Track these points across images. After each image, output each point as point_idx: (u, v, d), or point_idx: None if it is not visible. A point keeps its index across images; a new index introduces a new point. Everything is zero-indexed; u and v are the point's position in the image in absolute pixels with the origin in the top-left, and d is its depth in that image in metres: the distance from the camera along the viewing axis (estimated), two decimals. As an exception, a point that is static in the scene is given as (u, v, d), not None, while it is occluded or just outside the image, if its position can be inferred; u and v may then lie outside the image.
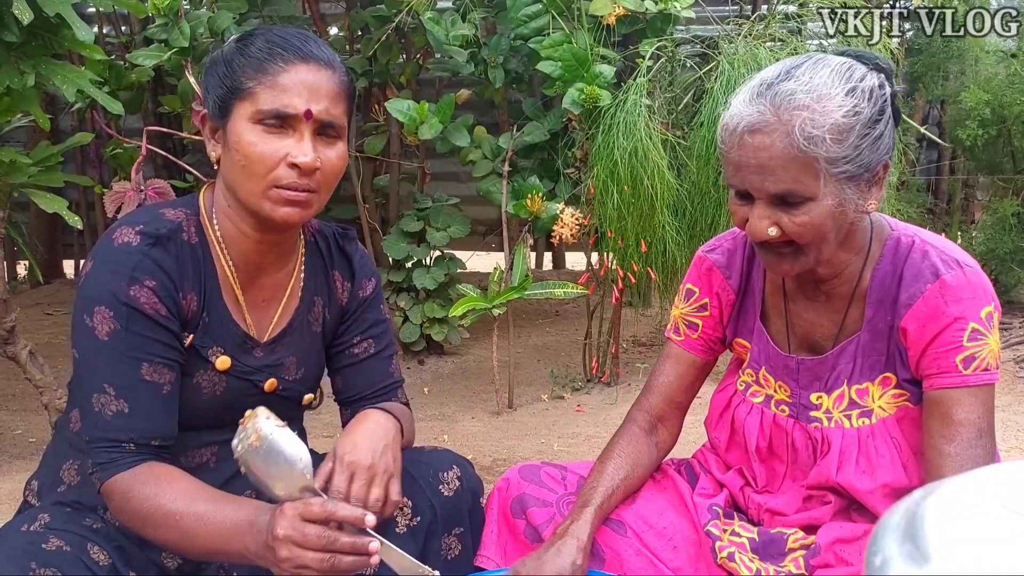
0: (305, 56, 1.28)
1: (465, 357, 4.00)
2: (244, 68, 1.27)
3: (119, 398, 1.25)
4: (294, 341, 1.44)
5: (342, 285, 1.50)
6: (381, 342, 1.53)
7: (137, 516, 1.24)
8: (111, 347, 1.25)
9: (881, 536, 0.59)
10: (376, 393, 1.51)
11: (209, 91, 1.31)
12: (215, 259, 1.36)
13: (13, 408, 3.40)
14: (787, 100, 1.20)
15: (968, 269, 1.28)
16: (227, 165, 1.31)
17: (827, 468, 1.37)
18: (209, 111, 1.32)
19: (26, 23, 2.14)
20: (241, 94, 1.27)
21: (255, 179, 1.28)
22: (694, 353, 1.52)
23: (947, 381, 1.27)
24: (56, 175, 2.65)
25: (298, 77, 1.27)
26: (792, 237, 1.25)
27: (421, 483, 1.40)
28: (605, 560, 1.40)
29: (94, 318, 1.25)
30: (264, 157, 1.26)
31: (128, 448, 1.25)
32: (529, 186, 3.29)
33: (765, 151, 1.20)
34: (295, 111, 1.26)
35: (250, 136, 1.26)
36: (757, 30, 3.16)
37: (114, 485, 1.25)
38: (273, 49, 1.28)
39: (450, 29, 3.28)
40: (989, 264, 3.75)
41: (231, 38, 1.36)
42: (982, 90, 3.70)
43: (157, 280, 1.27)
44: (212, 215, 1.36)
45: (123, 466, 1.25)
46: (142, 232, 1.28)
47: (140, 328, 1.26)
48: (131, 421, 1.25)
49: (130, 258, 1.26)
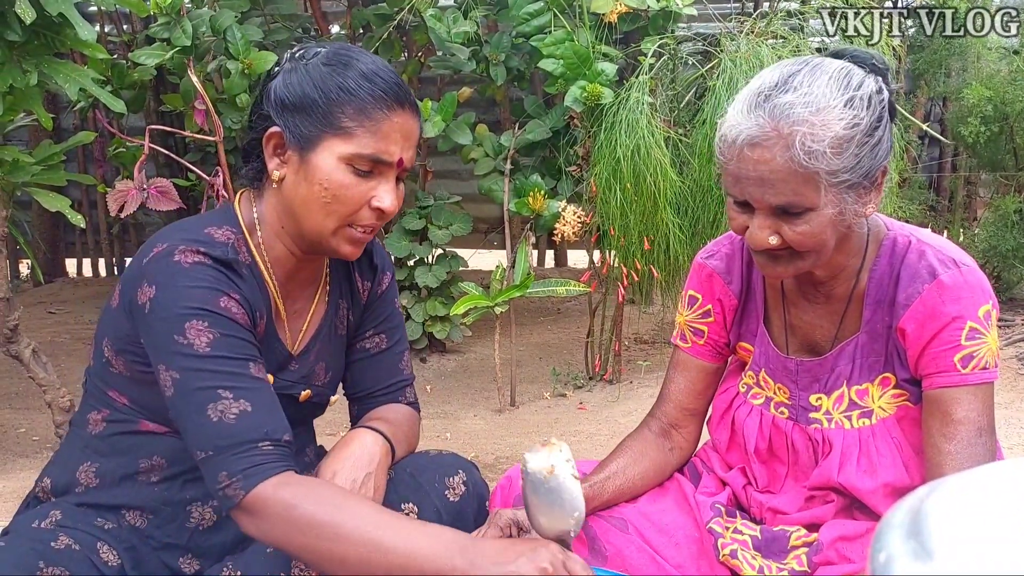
0: (402, 101, 1.28)
1: (467, 355, 4.00)
2: (344, 105, 1.25)
3: (238, 399, 1.20)
4: (322, 348, 1.45)
5: (363, 285, 1.50)
6: (393, 337, 1.52)
7: (304, 530, 1.14)
8: (215, 355, 1.21)
9: (885, 533, 0.59)
10: (384, 390, 1.51)
11: (288, 112, 1.27)
12: (265, 280, 1.35)
13: (16, 407, 3.41)
14: (786, 113, 1.18)
15: (965, 268, 1.28)
16: (299, 193, 1.28)
17: (828, 469, 1.37)
18: (287, 133, 1.28)
19: (29, 22, 2.14)
20: (336, 131, 1.25)
21: (334, 217, 1.27)
22: (702, 359, 1.52)
23: (946, 380, 1.27)
24: (59, 174, 2.65)
25: (398, 124, 1.27)
26: (792, 245, 1.24)
27: (427, 488, 1.40)
28: (608, 557, 1.41)
29: (188, 335, 1.21)
30: (352, 199, 1.26)
31: (266, 448, 1.19)
32: (531, 184, 3.29)
33: (765, 164, 1.19)
34: (391, 159, 1.27)
35: (340, 176, 1.25)
36: (759, 28, 3.16)
37: (270, 495, 1.16)
38: (375, 91, 1.26)
39: (452, 27, 3.28)
40: (991, 261, 3.74)
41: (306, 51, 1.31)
42: (984, 87, 3.69)
43: (239, 296, 1.27)
44: (256, 227, 1.35)
45: (269, 471, 1.17)
46: (208, 254, 1.26)
47: (237, 332, 1.24)
48: (258, 419, 1.20)
49: (209, 274, 1.24)
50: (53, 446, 2.76)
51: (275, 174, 1.30)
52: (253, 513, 1.17)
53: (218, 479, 1.18)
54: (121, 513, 1.36)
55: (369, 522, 1.14)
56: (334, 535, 1.13)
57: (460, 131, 3.38)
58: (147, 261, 1.26)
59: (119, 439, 1.36)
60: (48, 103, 4.43)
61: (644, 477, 1.49)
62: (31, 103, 2.40)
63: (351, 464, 1.32)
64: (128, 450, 1.36)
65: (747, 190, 1.22)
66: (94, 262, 5.50)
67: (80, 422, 1.41)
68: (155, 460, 1.35)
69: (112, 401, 1.36)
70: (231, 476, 1.17)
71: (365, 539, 1.12)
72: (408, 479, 1.40)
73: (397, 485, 1.39)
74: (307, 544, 1.15)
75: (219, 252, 1.27)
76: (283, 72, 1.30)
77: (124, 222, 4.98)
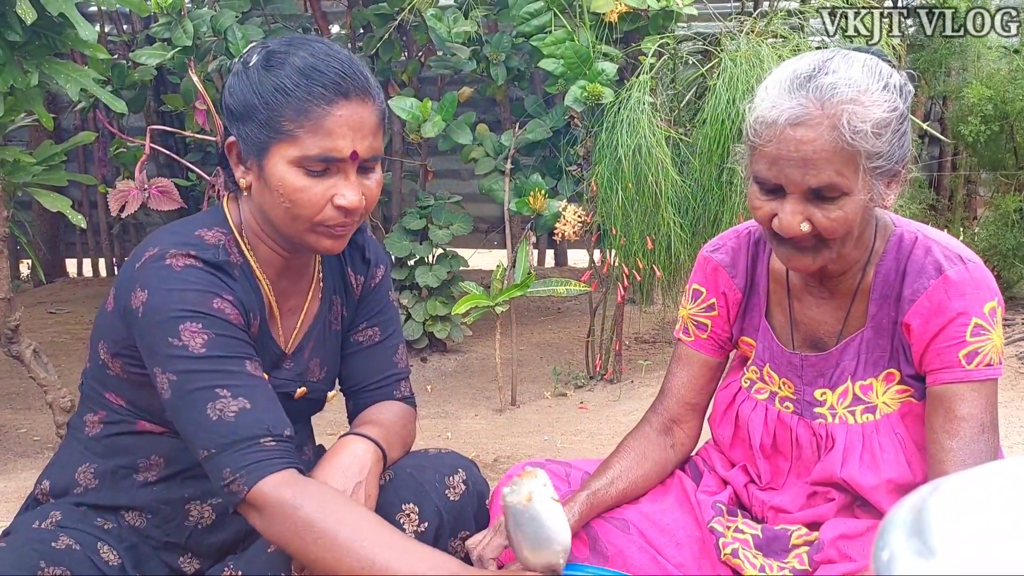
0: (345, 92, 1.22)
1: (468, 355, 4.00)
2: (283, 108, 1.21)
3: (237, 397, 1.20)
4: (318, 344, 1.44)
5: (356, 279, 1.49)
6: (386, 330, 1.51)
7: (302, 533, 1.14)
8: (210, 355, 1.21)
9: (888, 531, 0.59)
10: (379, 383, 1.50)
11: (238, 121, 1.26)
12: (257, 278, 1.35)
13: (17, 407, 3.41)
14: (831, 94, 1.19)
15: (971, 264, 1.28)
16: (265, 200, 1.27)
17: (831, 464, 1.37)
18: (241, 143, 1.27)
19: (30, 22, 2.14)
20: (280, 136, 1.22)
21: (300, 220, 1.25)
22: (705, 353, 1.52)
23: (950, 376, 1.27)
24: (59, 174, 2.66)
25: (342, 117, 1.22)
26: (823, 232, 1.23)
27: (427, 488, 1.39)
28: (609, 557, 1.41)
29: (182, 337, 1.20)
30: (311, 202, 1.23)
31: (267, 444, 1.18)
32: (531, 183, 3.29)
33: (809, 144, 1.19)
34: (341, 155, 1.23)
35: (294, 180, 1.22)
36: (759, 27, 3.16)
37: (272, 492, 1.16)
38: (312, 86, 1.21)
39: (452, 26, 3.28)
40: (991, 260, 3.75)
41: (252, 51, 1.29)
42: (984, 86, 3.69)
43: (233, 298, 1.26)
44: (243, 233, 1.34)
45: (272, 467, 1.17)
46: (199, 258, 1.25)
47: (232, 332, 1.24)
48: (258, 415, 1.20)
49: (201, 276, 1.24)
50: (54, 446, 2.76)
51: (241, 182, 1.30)
52: (256, 509, 1.18)
53: (222, 476, 1.18)
54: (120, 513, 1.36)
55: (365, 538, 1.14)
56: (329, 544, 1.14)
57: (460, 131, 3.38)
58: (139, 266, 1.26)
59: (116, 440, 1.36)
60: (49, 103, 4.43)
61: (647, 478, 1.49)
62: (32, 103, 2.40)
63: (340, 474, 1.30)
64: (126, 451, 1.36)
65: (785, 171, 1.21)
66: (94, 262, 5.50)
67: (77, 424, 1.41)
68: (153, 460, 1.35)
69: (109, 403, 1.36)
70: (234, 472, 1.17)
71: (358, 554, 1.13)
72: (408, 479, 1.40)
73: (397, 485, 1.39)
74: (302, 547, 1.15)
75: (210, 255, 1.27)
76: (230, 78, 1.29)
77: (125, 222, 4.98)
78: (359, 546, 1.13)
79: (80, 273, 5.58)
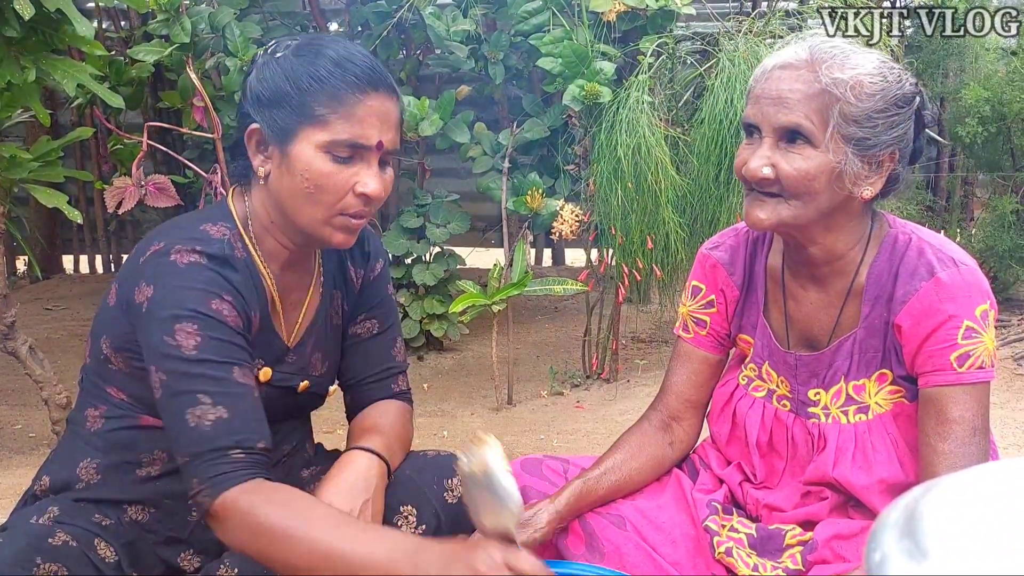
0: (376, 83, 1.27)
1: (464, 353, 4.00)
2: (316, 93, 1.25)
3: (217, 405, 1.20)
4: (319, 338, 1.45)
5: (356, 273, 1.50)
6: (385, 323, 1.52)
7: (263, 537, 1.15)
8: (201, 358, 1.21)
9: (880, 532, 0.59)
10: (377, 375, 1.50)
11: (264, 107, 1.28)
12: (262, 275, 1.35)
13: (12, 403, 3.40)
14: (824, 50, 1.27)
15: (964, 268, 1.28)
16: (284, 187, 1.28)
17: (824, 463, 1.38)
18: (265, 128, 1.28)
19: (27, 18, 2.14)
20: (311, 120, 1.25)
21: (321, 207, 1.27)
22: (704, 350, 1.53)
23: (942, 379, 1.28)
24: (56, 170, 2.65)
25: (373, 108, 1.26)
26: (783, 180, 1.27)
27: (426, 490, 1.40)
28: (605, 554, 1.41)
29: (177, 337, 1.21)
30: (336, 187, 1.26)
31: (236, 456, 1.19)
32: (529, 182, 3.29)
33: (787, 84, 1.26)
34: (368, 143, 1.26)
35: (320, 165, 1.25)
36: (757, 27, 3.16)
37: (230, 504, 1.17)
38: (347, 76, 1.25)
39: (450, 25, 3.28)
40: (988, 262, 3.75)
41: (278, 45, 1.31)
42: (982, 87, 3.70)
43: (233, 297, 1.26)
44: (248, 222, 1.35)
45: (236, 479, 1.17)
46: (204, 252, 1.26)
47: (226, 335, 1.24)
48: (233, 426, 1.20)
49: (203, 275, 1.24)
50: (50, 443, 2.76)
51: (260, 170, 1.30)
52: (219, 520, 1.18)
53: (192, 485, 1.19)
54: (123, 508, 1.36)
55: (319, 528, 1.14)
56: (286, 541, 1.14)
57: (458, 129, 3.38)
58: (144, 260, 1.27)
59: (119, 434, 1.36)
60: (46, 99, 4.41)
61: (641, 472, 1.49)
62: (29, 99, 2.40)
63: (347, 492, 1.31)
64: (129, 445, 1.36)
65: (762, 109, 1.28)
66: (91, 259, 5.49)
67: (78, 420, 1.41)
68: (156, 454, 1.36)
69: (110, 397, 1.36)
70: (201, 483, 1.18)
71: (315, 545, 1.13)
72: (407, 481, 1.40)
73: (396, 487, 1.39)
74: (263, 550, 1.16)
75: (215, 249, 1.27)
76: (256, 68, 1.31)
77: (121, 219, 4.98)
78: (315, 538, 1.13)
79: (77, 270, 5.57)
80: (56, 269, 5.44)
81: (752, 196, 1.32)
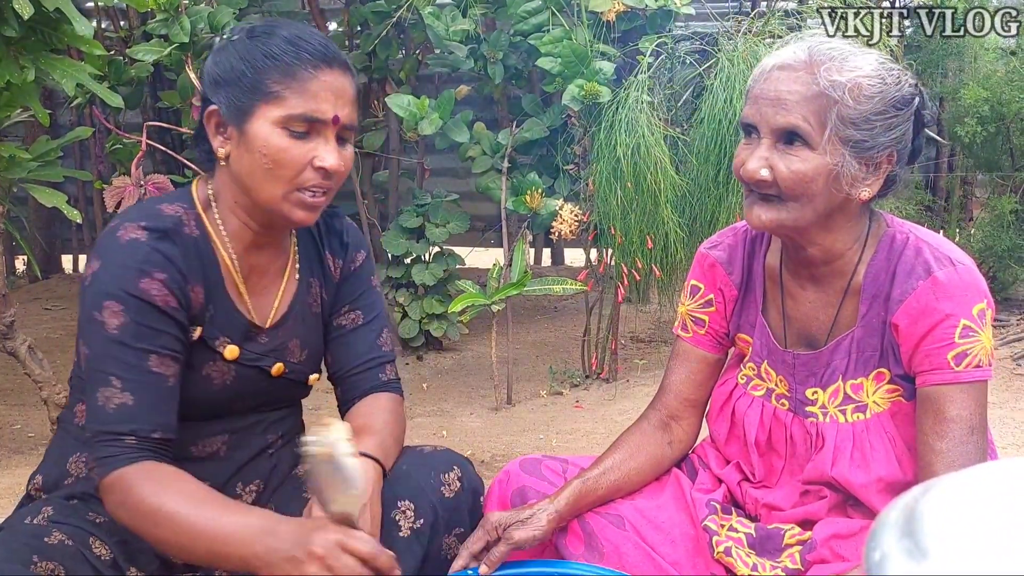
0: (330, 60, 1.30)
1: (464, 353, 4.00)
2: (269, 71, 1.27)
3: (124, 391, 1.25)
4: (296, 324, 1.46)
5: (334, 263, 1.51)
6: (370, 314, 1.53)
7: (137, 513, 1.22)
8: (120, 340, 1.25)
9: (880, 532, 0.59)
10: (365, 365, 1.50)
11: (222, 88, 1.30)
12: (216, 251, 1.37)
13: (12, 403, 3.40)
14: (823, 51, 1.27)
15: (961, 267, 1.29)
16: (244, 165, 1.31)
17: (822, 462, 1.38)
18: (222, 109, 1.31)
19: (26, 18, 2.13)
20: (266, 97, 1.27)
21: (280, 182, 1.29)
22: (703, 349, 1.53)
23: (939, 378, 1.28)
24: (55, 170, 2.65)
25: (326, 82, 1.29)
26: (780, 183, 1.27)
27: (423, 485, 1.40)
28: (604, 554, 1.41)
29: (103, 313, 1.25)
30: (293, 161, 1.28)
31: (129, 442, 1.25)
32: (528, 182, 3.29)
33: (786, 85, 1.26)
34: (324, 117, 1.28)
35: (277, 140, 1.27)
36: (756, 27, 3.17)
37: (114, 481, 1.24)
38: (300, 52, 1.28)
39: (450, 24, 3.28)
40: (987, 261, 3.75)
41: (234, 31, 1.35)
42: (981, 87, 3.70)
43: (167, 273, 1.28)
44: (211, 208, 1.37)
45: (123, 461, 1.24)
46: (147, 228, 1.29)
47: (149, 320, 1.27)
48: (133, 413, 1.25)
49: (139, 252, 1.27)
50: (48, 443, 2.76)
51: (220, 151, 1.33)
52: (106, 496, 1.25)
53: (90, 461, 1.27)
54: None
55: (184, 505, 1.20)
56: (155, 516, 1.20)
57: (458, 129, 3.38)
58: (100, 237, 1.32)
59: None
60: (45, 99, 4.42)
61: (640, 472, 1.50)
62: (28, 99, 2.40)
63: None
64: None
65: (760, 109, 1.28)
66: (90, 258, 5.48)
67: (67, 417, 1.44)
68: None
69: None
70: (94, 460, 1.26)
71: (179, 523, 1.19)
72: (404, 476, 1.40)
73: (393, 483, 1.39)
74: (139, 526, 1.22)
75: (160, 223, 1.31)
76: (213, 52, 1.34)
77: (121, 218, 4.96)
78: (179, 513, 1.19)
79: (76, 269, 5.56)
80: (55, 269, 5.44)
81: (752, 197, 1.32)
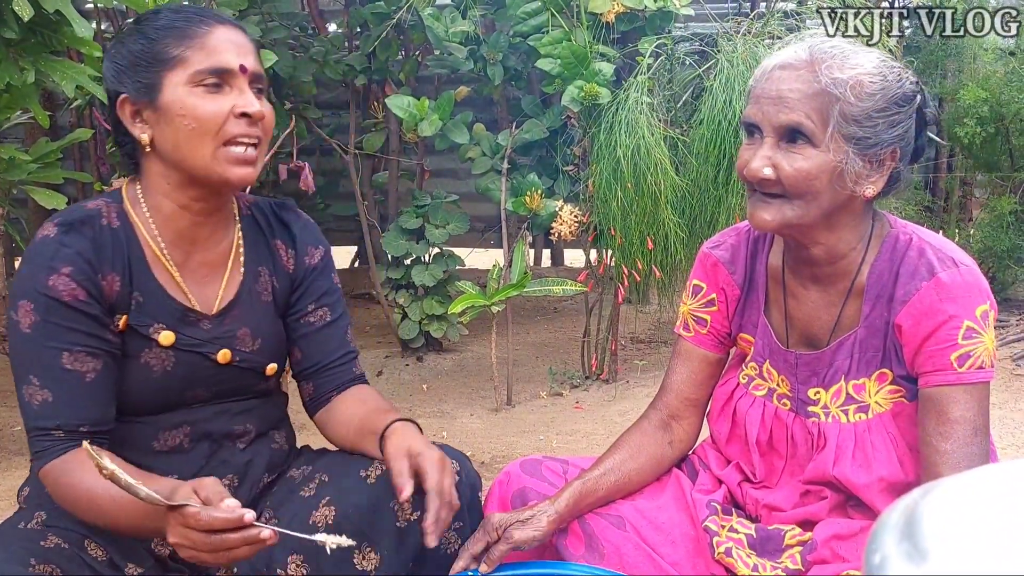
0: (219, 19, 1.35)
1: (464, 354, 4.00)
2: (165, 39, 1.31)
3: (43, 388, 1.29)
4: (244, 312, 1.46)
5: (286, 253, 1.51)
6: (336, 310, 1.54)
7: (67, 500, 1.27)
8: (32, 339, 1.28)
9: (880, 534, 0.59)
10: (338, 361, 1.53)
11: (125, 74, 1.33)
12: (141, 240, 1.37)
13: (11, 405, 3.40)
14: (823, 50, 1.28)
15: (964, 268, 1.29)
16: (168, 137, 1.32)
17: (824, 462, 1.38)
18: (131, 94, 1.32)
19: (26, 19, 2.14)
20: (169, 63, 1.30)
21: (207, 139, 1.30)
22: (704, 348, 1.53)
23: (942, 379, 1.28)
24: (55, 172, 2.65)
25: (223, 36, 1.32)
26: (784, 181, 1.27)
27: None
28: (604, 554, 1.41)
29: (18, 313, 1.28)
30: (214, 114, 1.30)
31: (57, 435, 1.28)
32: (528, 183, 3.29)
33: (787, 83, 1.27)
34: (231, 66, 1.31)
35: (193, 99, 1.29)
36: (756, 28, 3.17)
37: (48, 471, 1.28)
38: (189, 16, 1.32)
39: (449, 26, 3.28)
40: (986, 262, 3.76)
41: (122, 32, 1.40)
42: (980, 88, 3.70)
43: (73, 266, 1.29)
44: (139, 199, 1.38)
45: (54, 453, 1.28)
46: (59, 223, 1.31)
47: (58, 318, 1.28)
48: (56, 409, 1.28)
49: (47, 249, 1.29)
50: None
51: (143, 137, 1.34)
52: (46, 485, 1.29)
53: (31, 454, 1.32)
54: None
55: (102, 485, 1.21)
56: (87, 502, 1.25)
57: (457, 130, 3.38)
58: None
59: None
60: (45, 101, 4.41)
61: (641, 472, 1.49)
62: (28, 101, 2.40)
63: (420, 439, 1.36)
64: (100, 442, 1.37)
65: (763, 108, 1.28)
66: (90, 260, 5.48)
67: None
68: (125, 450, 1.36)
69: None
70: (31, 452, 1.31)
71: (101, 503, 1.23)
72: None
73: None
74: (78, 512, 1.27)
75: (72, 217, 1.33)
76: (107, 53, 1.38)
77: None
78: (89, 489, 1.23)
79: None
80: (55, 270, 5.43)
81: (756, 198, 1.32)
